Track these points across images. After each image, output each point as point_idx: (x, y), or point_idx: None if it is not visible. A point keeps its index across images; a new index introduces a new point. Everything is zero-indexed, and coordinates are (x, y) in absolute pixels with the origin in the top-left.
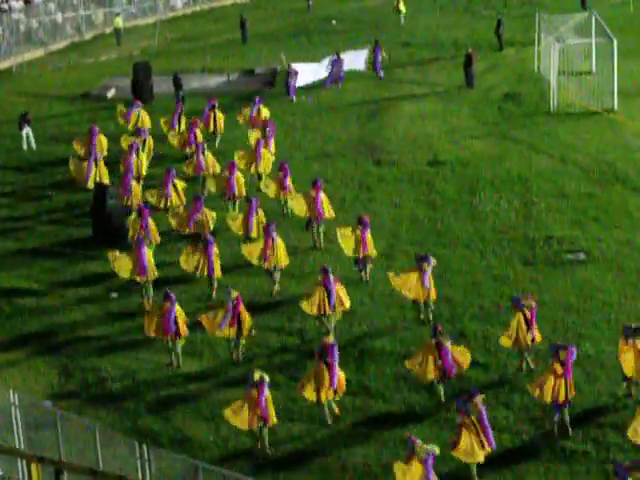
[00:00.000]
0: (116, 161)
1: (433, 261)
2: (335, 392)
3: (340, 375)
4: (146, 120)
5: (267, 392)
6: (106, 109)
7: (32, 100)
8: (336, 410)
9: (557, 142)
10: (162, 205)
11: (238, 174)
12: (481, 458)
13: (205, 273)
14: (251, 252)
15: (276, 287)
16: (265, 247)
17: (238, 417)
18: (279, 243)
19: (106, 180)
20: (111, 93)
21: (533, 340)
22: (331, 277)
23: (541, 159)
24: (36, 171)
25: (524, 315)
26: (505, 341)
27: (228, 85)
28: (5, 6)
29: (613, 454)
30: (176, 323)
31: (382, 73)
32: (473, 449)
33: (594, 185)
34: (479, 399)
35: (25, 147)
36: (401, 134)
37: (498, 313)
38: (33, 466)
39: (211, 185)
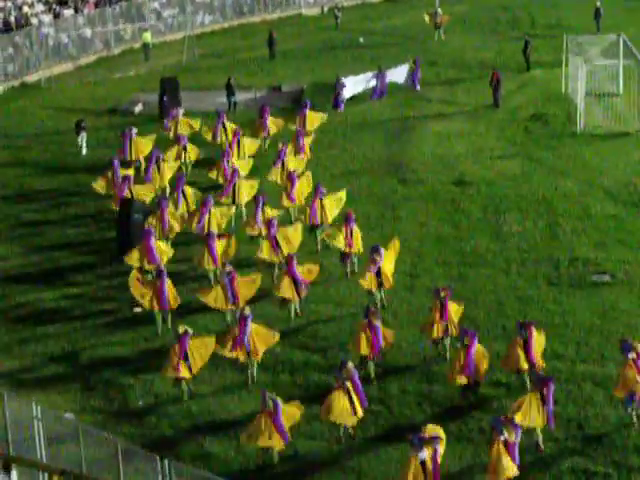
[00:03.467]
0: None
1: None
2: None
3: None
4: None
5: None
6: (134, 124)
7: (60, 114)
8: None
9: (583, 163)
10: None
11: (241, 182)
12: (354, 421)
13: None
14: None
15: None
16: (270, 242)
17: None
18: (285, 235)
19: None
20: (138, 108)
21: (447, 332)
22: (295, 264)
23: (567, 180)
24: (64, 179)
25: (440, 305)
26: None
27: (255, 101)
28: (34, 20)
29: (634, 477)
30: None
31: (418, 87)
32: (345, 412)
33: (620, 207)
34: (351, 366)
35: (84, 152)
36: (427, 153)
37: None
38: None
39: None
